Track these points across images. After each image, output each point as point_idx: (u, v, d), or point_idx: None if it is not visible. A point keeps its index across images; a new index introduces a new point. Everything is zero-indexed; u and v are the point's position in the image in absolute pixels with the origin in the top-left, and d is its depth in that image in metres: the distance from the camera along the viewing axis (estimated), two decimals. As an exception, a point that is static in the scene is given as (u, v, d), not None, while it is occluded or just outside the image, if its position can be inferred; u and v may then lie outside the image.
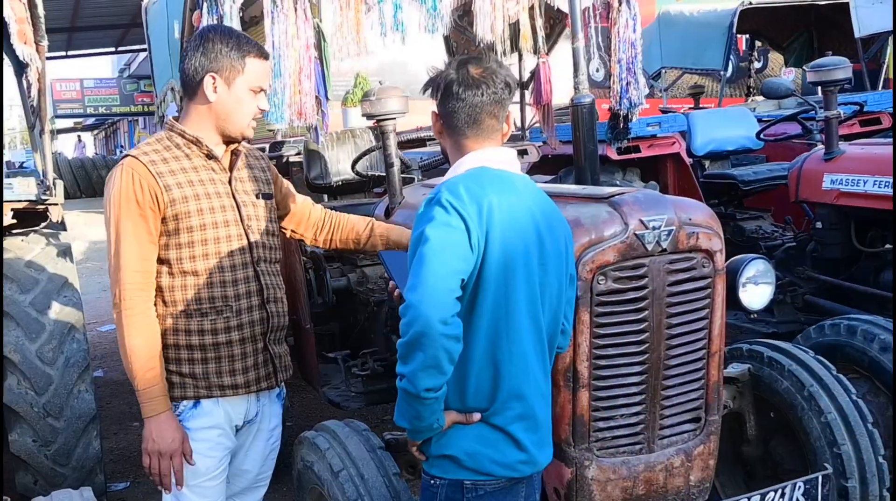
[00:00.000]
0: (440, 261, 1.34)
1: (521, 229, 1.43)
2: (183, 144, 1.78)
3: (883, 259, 3.13)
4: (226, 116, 1.77)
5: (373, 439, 1.87)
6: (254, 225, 1.83)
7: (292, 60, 2.54)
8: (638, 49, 2.84)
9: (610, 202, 1.73)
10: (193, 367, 1.77)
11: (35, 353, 2.73)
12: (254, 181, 1.88)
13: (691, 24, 6.08)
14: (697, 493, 1.84)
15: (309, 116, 2.61)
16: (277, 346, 1.89)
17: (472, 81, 1.48)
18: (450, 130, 1.53)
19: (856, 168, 3.08)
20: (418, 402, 1.36)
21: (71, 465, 2.74)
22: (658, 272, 1.71)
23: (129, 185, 1.71)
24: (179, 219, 1.73)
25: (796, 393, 2.09)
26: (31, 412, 2.70)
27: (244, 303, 1.79)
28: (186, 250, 1.75)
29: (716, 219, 1.83)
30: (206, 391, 1.78)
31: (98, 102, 20.16)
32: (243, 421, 1.86)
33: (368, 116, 2.44)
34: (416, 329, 1.31)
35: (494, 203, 1.40)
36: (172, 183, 1.73)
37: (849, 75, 3.13)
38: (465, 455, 1.44)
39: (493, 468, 1.45)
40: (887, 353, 2.30)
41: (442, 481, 1.46)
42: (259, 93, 1.79)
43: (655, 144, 3.86)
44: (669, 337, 1.74)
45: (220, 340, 1.77)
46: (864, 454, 2.01)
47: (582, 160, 2.54)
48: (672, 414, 1.79)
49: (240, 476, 1.94)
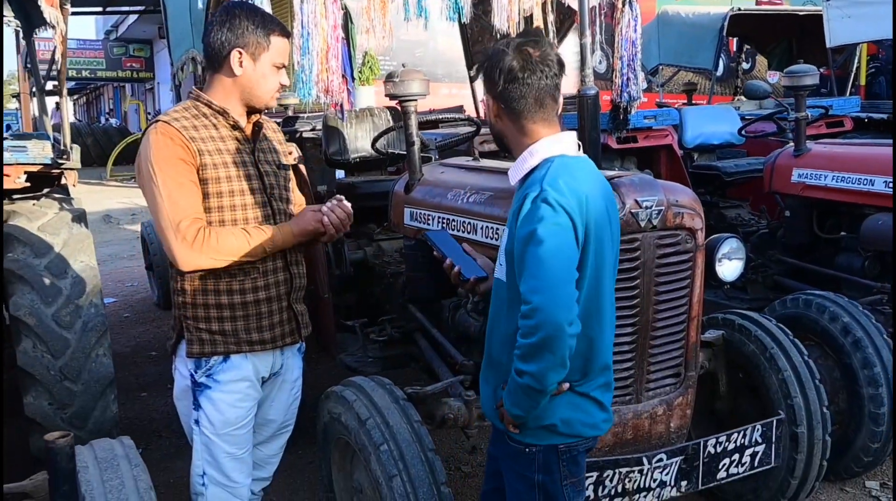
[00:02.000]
0: (560, 264, 1.37)
1: (603, 215, 1.50)
2: (210, 114, 1.83)
3: (837, 245, 3.51)
4: (251, 90, 1.82)
5: (396, 391, 2.00)
6: (276, 193, 1.90)
7: (320, 39, 2.58)
8: (638, 48, 3.05)
9: (610, 184, 1.91)
10: (223, 324, 1.83)
11: (51, 316, 2.69)
12: (274, 152, 1.95)
13: (687, 24, 6.39)
14: (676, 438, 2.11)
15: (335, 93, 2.67)
16: (299, 305, 1.97)
17: (536, 65, 1.46)
18: (513, 114, 1.51)
19: (819, 164, 3.44)
20: (542, 396, 1.43)
21: (87, 428, 2.70)
22: (649, 246, 1.95)
23: (169, 145, 1.73)
24: (209, 183, 1.78)
25: (760, 355, 2.40)
26: (47, 375, 2.65)
27: (269, 265, 1.86)
28: (216, 213, 1.79)
29: (698, 202, 2.09)
30: (235, 347, 1.84)
31: (81, 65, 18.85)
32: (269, 373, 1.95)
33: (391, 96, 2.52)
34: (545, 333, 1.34)
35: (590, 196, 1.44)
36: (204, 149, 1.78)
37: (816, 82, 3.49)
38: (560, 423, 1.51)
39: (584, 430, 1.54)
40: (835, 322, 2.65)
41: (538, 448, 1.53)
42: (281, 69, 1.85)
43: (651, 136, 4.13)
44: (657, 303, 1.98)
45: (248, 299, 1.84)
46: (812, 405, 2.33)
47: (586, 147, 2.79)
48: (657, 370, 2.04)
49: (265, 425, 2.04)
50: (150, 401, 3.94)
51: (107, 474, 1.57)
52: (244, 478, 1.96)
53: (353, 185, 3.48)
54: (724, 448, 2.06)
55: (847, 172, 3.33)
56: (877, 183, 3.23)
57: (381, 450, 1.87)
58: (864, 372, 2.58)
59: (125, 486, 1.54)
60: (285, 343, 1.94)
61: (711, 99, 6.44)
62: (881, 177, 3.21)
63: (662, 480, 1.98)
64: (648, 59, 6.53)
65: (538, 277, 1.37)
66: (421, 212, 2.64)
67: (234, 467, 1.92)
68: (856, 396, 2.60)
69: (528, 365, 1.40)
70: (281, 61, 1.85)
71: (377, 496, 1.92)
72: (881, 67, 9.23)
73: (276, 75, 1.85)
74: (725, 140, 4.61)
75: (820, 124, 4.45)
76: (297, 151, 3.24)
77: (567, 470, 1.55)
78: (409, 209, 2.71)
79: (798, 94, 3.51)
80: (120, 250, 8.25)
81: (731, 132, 4.55)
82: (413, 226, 2.68)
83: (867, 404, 2.57)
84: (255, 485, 2.11)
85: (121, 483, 1.55)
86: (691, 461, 2.02)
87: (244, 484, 1.97)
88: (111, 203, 11.19)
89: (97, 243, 3.35)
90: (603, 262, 1.52)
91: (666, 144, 4.19)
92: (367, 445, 1.90)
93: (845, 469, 2.69)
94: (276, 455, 2.15)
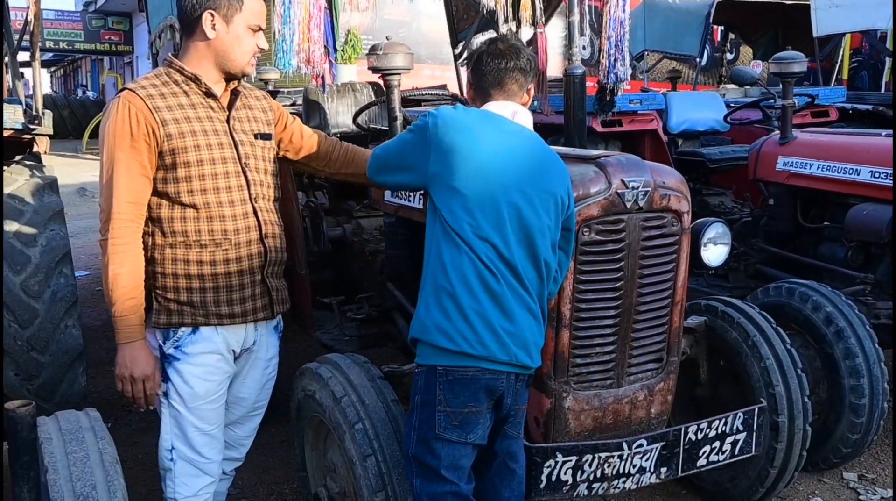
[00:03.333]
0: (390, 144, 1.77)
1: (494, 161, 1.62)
2: (181, 81, 1.78)
3: (821, 234, 3.50)
4: (224, 53, 1.77)
5: (372, 369, 1.97)
6: (251, 163, 1.84)
7: (302, 7, 2.53)
8: (626, 28, 3.03)
9: (597, 163, 1.93)
10: (192, 295, 1.79)
11: (19, 285, 2.62)
12: (253, 121, 1.88)
13: (673, 10, 6.39)
14: (657, 424, 2.08)
15: (317, 64, 2.63)
16: (275, 280, 1.92)
17: (499, 53, 1.73)
18: (478, 91, 1.77)
19: (805, 153, 3.42)
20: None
21: (55, 400, 2.66)
22: (634, 227, 1.92)
23: (126, 117, 1.70)
24: (176, 153, 1.73)
25: (742, 342, 2.38)
26: (13, 345, 2.60)
27: (243, 237, 1.82)
28: (184, 184, 1.75)
29: (685, 185, 2.05)
30: (203, 319, 1.81)
31: (58, 36, 18.58)
32: (241, 349, 1.90)
33: (374, 69, 2.47)
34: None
35: (482, 138, 1.63)
36: (169, 118, 1.73)
37: (804, 69, 3.46)
38: (435, 329, 1.57)
39: (465, 346, 1.54)
40: (818, 312, 2.64)
41: (422, 368, 1.60)
42: (258, 31, 1.80)
43: (636, 120, 4.09)
44: (641, 286, 1.95)
45: (218, 270, 1.80)
46: (794, 393, 2.31)
47: (571, 127, 2.76)
48: (639, 354, 2.02)
49: (237, 404, 2.01)
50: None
51: (71, 446, 1.53)
52: (215, 455, 1.92)
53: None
54: (706, 434, 2.04)
55: (833, 161, 3.31)
56: (862, 172, 3.21)
57: (356, 429, 1.83)
58: (845, 363, 2.57)
59: (90, 459, 1.49)
60: (257, 318, 1.89)
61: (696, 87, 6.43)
62: (867, 166, 3.20)
63: (642, 466, 1.95)
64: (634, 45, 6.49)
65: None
66: (401, 189, 2.57)
67: (203, 442, 1.88)
68: (837, 386, 2.59)
69: None
70: (256, 23, 1.79)
71: (351, 475, 1.88)
72: (864, 62, 9.32)
73: (251, 38, 1.79)
74: (710, 127, 4.58)
75: (805, 114, 4.44)
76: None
77: (442, 396, 1.56)
78: (389, 187, 2.65)
79: (786, 80, 3.48)
80: (94, 223, 7.93)
81: (717, 119, 4.52)
82: (393, 203, 2.62)
83: (848, 394, 2.56)
84: (227, 465, 2.08)
85: (85, 456, 1.50)
86: (672, 447, 1.99)
87: (214, 461, 1.93)
88: (86, 176, 10.98)
89: (71, 215, 3.24)
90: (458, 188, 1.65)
91: (651, 129, 4.14)
92: (342, 423, 1.87)
93: (823, 460, 2.69)
94: (249, 436, 2.12)
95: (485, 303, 1.58)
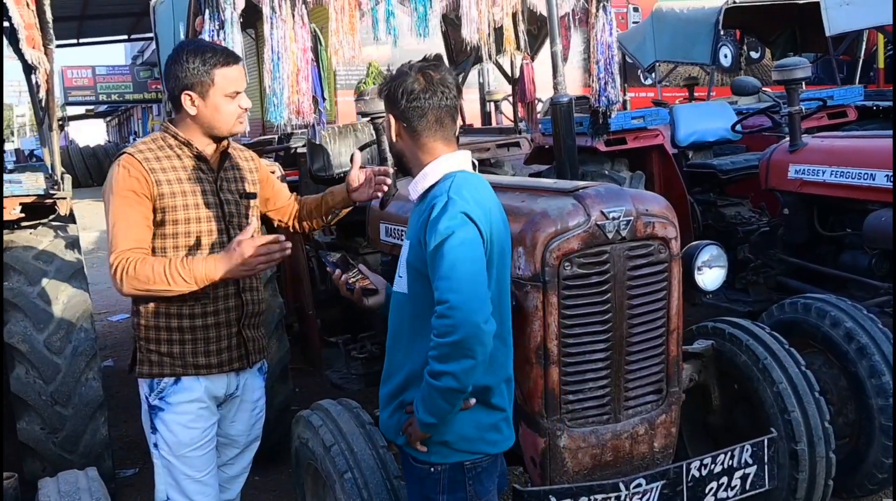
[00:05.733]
0: (473, 264, 1.42)
1: (503, 229, 1.57)
2: (175, 145, 1.92)
3: (841, 242, 3.34)
4: (209, 124, 1.89)
5: (363, 415, 1.99)
6: (235, 221, 1.96)
7: (290, 63, 2.68)
8: (615, 51, 3.04)
9: (574, 195, 1.91)
10: (172, 347, 1.89)
11: (43, 343, 2.75)
12: (240, 181, 2.01)
13: (681, 20, 6.34)
14: (662, 458, 2.00)
15: (306, 114, 2.76)
16: (252, 330, 2.00)
17: (437, 86, 1.56)
18: (414, 133, 1.58)
19: (817, 159, 3.28)
20: (459, 397, 1.43)
21: (79, 452, 2.76)
22: (619, 258, 1.88)
23: (126, 177, 1.84)
24: (167, 211, 1.85)
25: (752, 366, 2.27)
26: (38, 401, 2.72)
27: (220, 292, 1.91)
28: (171, 240, 1.87)
29: (671, 209, 2.00)
30: (181, 369, 1.89)
31: (111, 90, 19.92)
32: (224, 395, 1.98)
33: (362, 114, 2.61)
34: (464, 330, 1.36)
35: (492, 210, 1.53)
36: (163, 179, 1.86)
37: (808, 75, 3.35)
38: (461, 439, 1.51)
39: (487, 447, 1.54)
40: (837, 328, 2.49)
41: (443, 466, 1.52)
42: (236, 95, 1.88)
43: (641, 137, 4.03)
44: (631, 317, 1.90)
45: (196, 323, 1.89)
46: (812, 419, 2.18)
47: (562, 154, 2.74)
48: (636, 387, 1.95)
49: (229, 445, 2.07)
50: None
51: (68, 507, 1.57)
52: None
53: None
54: (710, 470, 1.94)
55: (846, 167, 3.16)
56: (878, 177, 3.06)
57: (346, 478, 1.84)
58: (871, 382, 2.42)
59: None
60: (233, 368, 1.97)
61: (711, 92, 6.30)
62: (882, 170, 3.05)
63: (643, 507, 1.86)
64: (645, 57, 6.44)
65: (452, 277, 1.41)
66: (395, 228, 2.61)
67: (196, 490, 1.93)
68: (865, 407, 2.44)
69: (447, 365, 1.39)
70: (232, 90, 1.89)
71: (344, 524, 1.86)
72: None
73: (230, 104, 1.90)
74: (721, 136, 4.47)
75: (821, 116, 4.27)
76: (280, 170, 3.25)
77: (473, 490, 1.52)
78: (383, 225, 2.70)
79: (790, 87, 3.36)
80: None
81: (726, 128, 4.40)
82: (388, 242, 2.66)
83: (877, 416, 2.40)
84: None
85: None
86: (674, 485, 1.90)
87: None
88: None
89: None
90: (504, 275, 1.57)
91: (657, 145, 4.07)
92: (332, 472, 1.89)
93: (859, 487, 2.52)
94: (241, 475, 2.17)
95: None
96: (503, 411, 1.56)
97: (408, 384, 1.55)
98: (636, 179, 3.99)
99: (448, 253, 1.42)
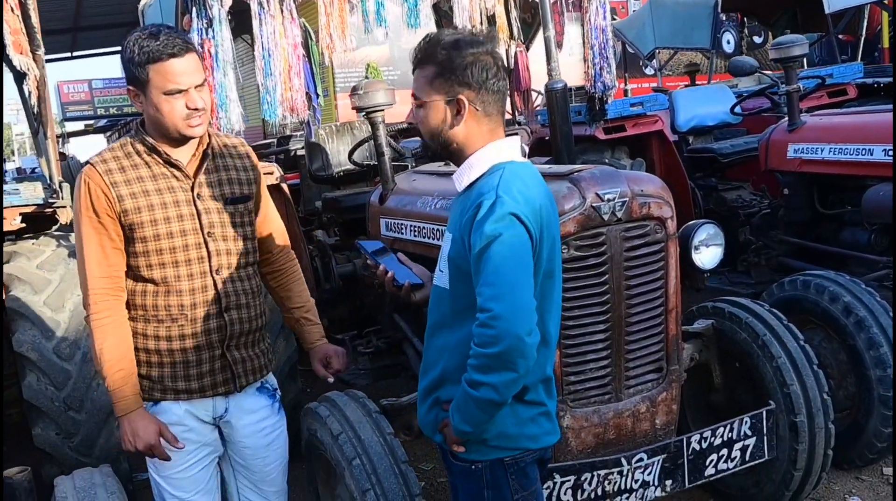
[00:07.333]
0: (520, 272, 1.33)
1: (554, 222, 1.48)
2: (143, 152, 1.72)
3: (841, 220, 3.35)
4: (155, 123, 1.68)
5: (369, 404, 2.00)
6: (217, 232, 1.75)
7: (281, 59, 2.63)
8: (609, 35, 3.04)
9: (569, 179, 1.93)
10: (150, 370, 1.76)
11: (52, 350, 2.76)
12: (226, 185, 1.77)
13: (680, 5, 6.31)
14: (664, 434, 2.04)
15: (300, 111, 2.72)
16: (241, 351, 1.82)
17: (502, 67, 1.45)
18: (482, 118, 1.43)
19: (815, 137, 3.30)
20: (497, 408, 1.38)
21: (94, 455, 2.75)
22: (615, 239, 1.90)
23: (87, 195, 1.68)
24: (134, 229, 1.69)
25: (752, 342, 2.30)
26: (52, 407, 2.74)
27: (200, 312, 1.74)
28: (142, 258, 1.71)
29: (666, 189, 2.02)
30: (160, 394, 1.77)
31: (108, 103, 19.45)
32: (212, 417, 1.83)
33: (357, 109, 2.53)
34: (507, 342, 1.30)
35: (542, 204, 1.43)
36: (126, 193, 1.68)
37: (805, 52, 3.35)
38: (502, 437, 1.46)
39: (528, 443, 1.49)
40: (836, 303, 2.52)
41: (484, 463, 1.48)
42: (179, 93, 1.62)
43: (640, 123, 4.04)
44: (629, 297, 1.93)
45: (174, 346, 1.75)
46: (811, 391, 2.21)
47: (558, 141, 2.76)
48: (636, 366, 1.99)
49: (247, 469, 1.92)
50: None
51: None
52: None
53: (338, 199, 3.53)
54: (710, 443, 1.99)
55: (844, 143, 3.18)
56: (876, 152, 3.07)
57: (354, 465, 1.86)
58: (869, 354, 2.45)
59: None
60: (217, 393, 1.80)
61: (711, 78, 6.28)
62: (880, 145, 3.06)
63: (645, 480, 1.91)
64: (644, 44, 6.42)
65: (496, 284, 1.33)
66: (395, 222, 2.63)
67: None
68: (864, 379, 2.48)
69: (487, 376, 1.34)
70: (172, 87, 1.63)
71: (354, 510, 1.90)
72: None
73: (172, 102, 1.64)
74: (721, 120, 4.48)
75: (821, 94, 4.27)
76: (279, 170, 3.27)
77: (517, 484, 1.50)
78: (384, 220, 2.72)
79: (787, 66, 3.37)
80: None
81: (726, 112, 4.42)
82: (389, 236, 2.68)
83: (876, 387, 2.44)
84: None
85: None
86: (674, 459, 1.95)
87: None
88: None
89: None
90: (555, 268, 1.49)
91: (656, 131, 4.08)
92: (341, 460, 1.90)
93: (859, 457, 2.56)
94: (279, 491, 2.00)
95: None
96: (542, 405, 1.50)
97: (443, 381, 1.51)
98: (637, 167, 4.00)
99: (493, 258, 1.33)
